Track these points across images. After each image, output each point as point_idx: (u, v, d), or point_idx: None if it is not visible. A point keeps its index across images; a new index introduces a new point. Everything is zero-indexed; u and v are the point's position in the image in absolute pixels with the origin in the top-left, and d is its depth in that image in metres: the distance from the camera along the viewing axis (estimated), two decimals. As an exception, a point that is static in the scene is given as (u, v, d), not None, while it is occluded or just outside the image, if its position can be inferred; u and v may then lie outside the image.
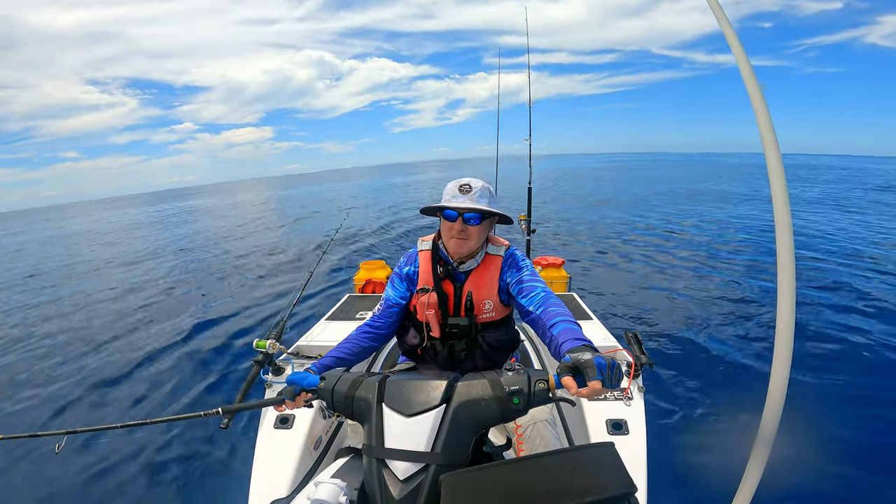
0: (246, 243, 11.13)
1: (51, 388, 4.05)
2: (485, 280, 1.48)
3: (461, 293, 1.48)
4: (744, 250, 8.45)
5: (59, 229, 27.49)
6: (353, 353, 1.43)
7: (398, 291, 1.55)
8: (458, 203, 1.36)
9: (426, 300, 1.47)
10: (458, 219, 1.37)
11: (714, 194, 18.26)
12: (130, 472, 2.74)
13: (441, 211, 1.41)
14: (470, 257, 1.47)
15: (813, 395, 3.35)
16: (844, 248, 8.00)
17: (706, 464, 2.48)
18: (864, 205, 14.08)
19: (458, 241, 1.40)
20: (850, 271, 6.55)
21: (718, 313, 5.13)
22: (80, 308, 6.71)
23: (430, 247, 1.53)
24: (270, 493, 1.44)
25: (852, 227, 10.11)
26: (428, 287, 1.48)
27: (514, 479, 0.72)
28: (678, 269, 7.37)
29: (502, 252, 1.51)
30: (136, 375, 4.15)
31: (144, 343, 4.94)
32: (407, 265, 1.57)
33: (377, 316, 1.54)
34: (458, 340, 1.51)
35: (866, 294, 5.49)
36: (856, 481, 2.48)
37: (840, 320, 4.72)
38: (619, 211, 14.26)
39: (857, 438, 2.82)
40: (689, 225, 11.50)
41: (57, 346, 5.21)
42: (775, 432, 0.86)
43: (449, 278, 1.49)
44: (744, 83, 0.82)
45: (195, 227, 17.99)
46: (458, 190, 1.39)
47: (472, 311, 1.48)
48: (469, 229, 1.38)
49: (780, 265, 0.80)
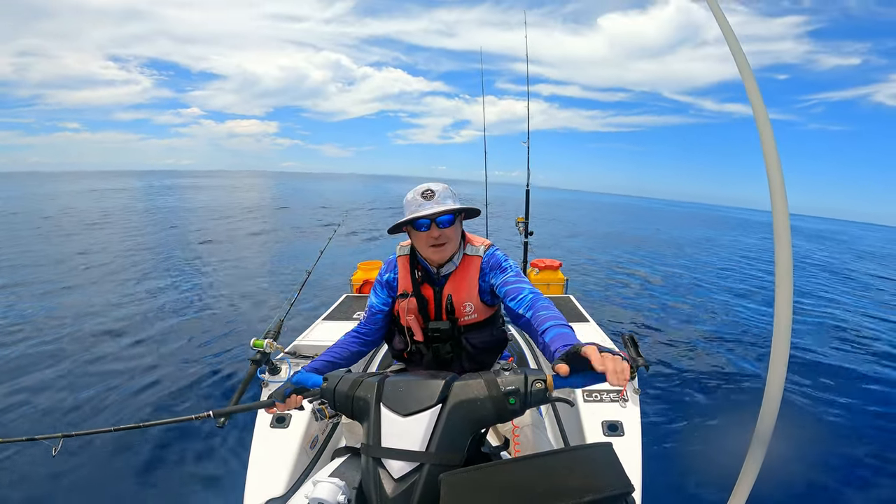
0: (243, 241, 11.10)
1: (38, 387, 4.02)
2: (464, 282, 1.45)
3: (441, 297, 1.46)
4: (742, 258, 8.50)
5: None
6: (343, 358, 1.43)
7: (380, 298, 1.55)
8: (426, 211, 1.31)
9: (406, 305, 1.46)
10: (431, 225, 1.32)
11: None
12: (126, 471, 2.72)
13: (411, 224, 1.35)
14: (448, 260, 1.44)
15: (810, 395, 3.38)
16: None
17: (701, 465, 2.49)
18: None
19: (437, 249, 1.37)
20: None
21: (715, 316, 5.16)
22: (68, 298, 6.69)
23: (408, 252, 1.52)
24: (266, 493, 1.43)
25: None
26: (407, 292, 1.47)
27: (512, 479, 0.73)
28: (676, 273, 7.40)
29: (481, 252, 1.47)
30: (130, 374, 4.12)
31: (141, 342, 4.91)
32: (387, 272, 1.56)
33: (363, 323, 1.55)
34: (441, 344, 1.50)
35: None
36: (855, 481, 2.50)
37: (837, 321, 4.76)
38: (620, 244, 14.27)
39: (855, 437, 2.85)
40: (684, 243, 11.52)
41: (55, 344, 5.18)
42: (771, 433, 0.86)
43: (428, 282, 1.48)
44: (757, 129, 0.82)
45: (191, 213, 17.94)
46: (422, 197, 1.34)
47: (454, 314, 1.46)
48: (445, 232, 1.35)
49: (779, 264, 0.81)
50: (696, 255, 9.62)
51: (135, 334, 5.11)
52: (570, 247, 10.75)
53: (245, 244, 10.78)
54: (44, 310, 5.79)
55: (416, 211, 1.33)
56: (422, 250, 1.41)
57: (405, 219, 1.36)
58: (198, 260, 8.89)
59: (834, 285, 9.11)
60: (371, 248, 9.90)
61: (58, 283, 7.05)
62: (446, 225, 1.34)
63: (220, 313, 5.73)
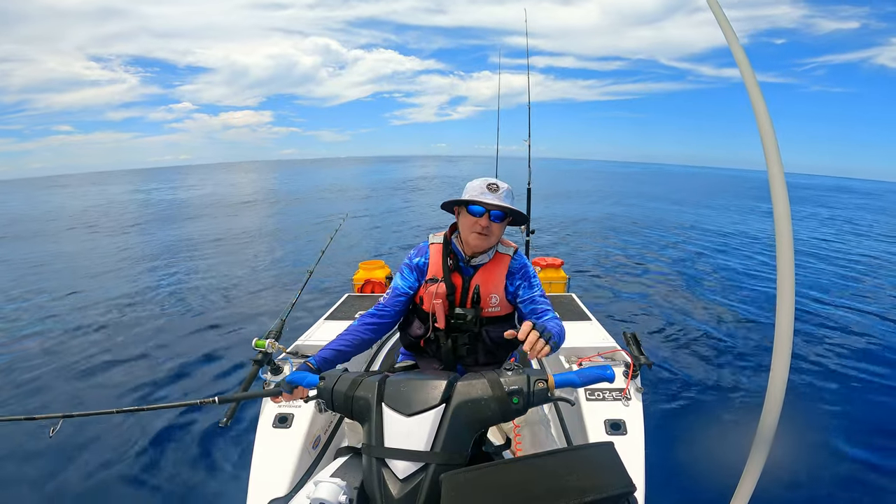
0: (245, 241, 11.11)
1: (43, 373, 4.04)
2: (493, 276, 1.52)
3: (469, 286, 1.51)
4: (744, 255, 8.47)
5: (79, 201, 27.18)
6: (352, 345, 1.43)
7: (407, 281, 1.57)
8: (487, 199, 1.39)
9: (434, 290, 1.49)
10: (484, 215, 1.40)
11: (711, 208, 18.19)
12: (129, 472, 2.73)
13: (465, 206, 1.43)
14: (483, 252, 1.50)
15: (812, 394, 3.36)
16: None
17: (704, 464, 2.48)
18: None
19: (481, 237, 1.43)
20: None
21: (718, 314, 5.14)
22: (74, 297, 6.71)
23: (441, 241, 1.57)
24: (269, 492, 1.44)
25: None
26: (437, 278, 1.51)
27: (513, 479, 0.73)
28: (678, 269, 7.39)
29: (511, 252, 1.55)
30: (133, 378, 4.14)
31: (141, 344, 4.92)
32: (418, 256, 1.59)
33: (383, 304, 1.55)
34: (461, 334, 1.53)
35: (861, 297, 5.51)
36: (855, 482, 2.49)
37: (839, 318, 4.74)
38: (617, 207, 14.22)
39: (856, 437, 2.84)
40: (688, 226, 11.52)
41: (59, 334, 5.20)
42: (774, 431, 0.86)
43: (458, 271, 1.53)
44: (749, 97, 0.82)
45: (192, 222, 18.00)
46: (486, 188, 1.42)
47: (479, 304, 1.51)
48: (493, 226, 1.42)
49: (780, 262, 0.81)
50: (701, 241, 9.57)
51: (135, 335, 5.13)
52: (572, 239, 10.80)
53: (243, 243, 10.80)
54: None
55: (477, 196, 1.40)
56: (465, 233, 1.47)
57: (464, 198, 1.42)
58: (201, 260, 8.91)
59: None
60: (370, 248, 9.90)
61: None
62: (497, 220, 1.42)
63: (221, 314, 5.75)
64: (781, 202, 0.80)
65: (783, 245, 0.80)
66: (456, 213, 1.53)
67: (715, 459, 2.47)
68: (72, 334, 5.13)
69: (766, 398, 0.86)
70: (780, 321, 0.82)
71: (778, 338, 0.83)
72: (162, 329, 5.29)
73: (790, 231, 0.80)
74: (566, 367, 2.00)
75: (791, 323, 0.81)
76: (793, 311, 0.81)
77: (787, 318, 0.81)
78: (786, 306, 0.81)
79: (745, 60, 0.82)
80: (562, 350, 2.09)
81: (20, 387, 3.88)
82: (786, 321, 0.81)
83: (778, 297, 0.82)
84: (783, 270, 0.80)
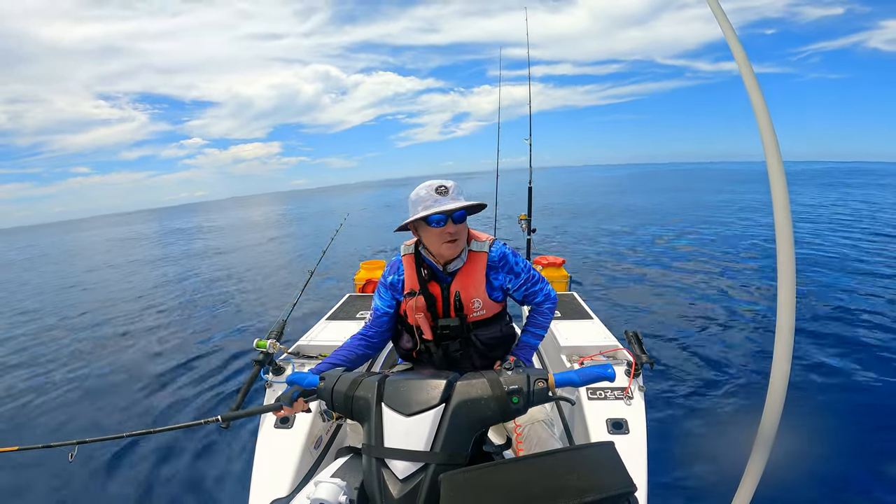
0: (249, 247, 11.13)
1: (53, 397, 4.06)
2: (471, 278, 1.45)
3: (448, 294, 1.46)
4: (746, 252, 8.44)
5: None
6: (348, 361, 1.43)
7: (384, 301, 1.54)
8: (444, 206, 1.30)
9: (414, 304, 1.45)
10: (448, 221, 1.31)
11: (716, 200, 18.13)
12: (133, 473, 2.74)
13: (423, 220, 1.33)
14: (457, 257, 1.44)
15: (813, 393, 3.35)
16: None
17: (706, 463, 2.47)
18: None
19: (451, 245, 1.36)
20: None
21: (720, 313, 5.12)
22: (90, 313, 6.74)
23: (412, 251, 1.51)
24: (271, 493, 1.44)
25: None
26: (415, 290, 1.46)
27: (513, 479, 0.72)
28: (680, 268, 7.36)
29: (486, 248, 1.47)
30: (137, 378, 4.16)
31: (145, 346, 4.94)
32: (390, 274, 1.54)
33: (368, 326, 1.54)
34: (451, 341, 1.50)
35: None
36: (855, 482, 2.47)
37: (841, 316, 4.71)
38: (625, 219, 14.19)
39: (857, 437, 2.82)
40: (690, 221, 11.48)
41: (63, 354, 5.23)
42: (776, 431, 0.86)
43: (434, 280, 1.47)
44: (746, 90, 0.81)
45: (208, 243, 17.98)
46: (436, 193, 1.32)
47: (462, 310, 1.46)
48: (459, 228, 1.35)
49: (780, 262, 0.80)
50: (703, 238, 9.53)
51: (137, 334, 5.15)
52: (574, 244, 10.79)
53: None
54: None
55: (431, 206, 1.31)
56: (434, 247, 1.39)
57: (421, 214, 1.32)
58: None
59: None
60: (371, 248, 9.91)
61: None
62: (461, 221, 1.35)
63: (222, 313, 5.76)
64: (780, 194, 0.79)
65: (783, 239, 0.79)
66: (414, 231, 1.42)
67: (717, 458, 2.46)
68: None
69: (768, 398, 0.86)
70: (780, 319, 0.82)
71: (778, 336, 0.83)
72: (161, 330, 5.30)
73: (790, 224, 0.79)
74: (567, 365, 2.00)
75: (792, 320, 0.81)
76: (793, 308, 0.81)
77: (788, 315, 0.81)
78: (786, 304, 0.80)
79: (740, 52, 0.82)
80: (563, 349, 2.08)
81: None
82: (786, 319, 0.81)
83: (779, 295, 0.81)
84: (783, 263, 0.79)
